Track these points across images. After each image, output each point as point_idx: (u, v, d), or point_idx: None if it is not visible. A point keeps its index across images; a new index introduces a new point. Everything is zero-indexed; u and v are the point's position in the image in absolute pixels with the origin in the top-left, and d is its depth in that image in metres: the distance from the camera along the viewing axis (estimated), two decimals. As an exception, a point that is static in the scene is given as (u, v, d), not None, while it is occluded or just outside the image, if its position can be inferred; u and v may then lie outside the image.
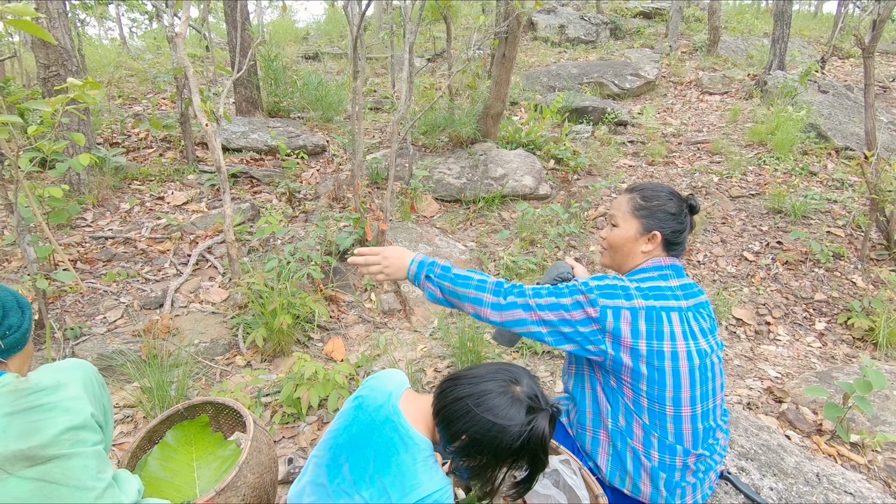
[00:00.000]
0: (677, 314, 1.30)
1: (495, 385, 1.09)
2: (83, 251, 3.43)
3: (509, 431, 1.03)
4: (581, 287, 1.29)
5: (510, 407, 1.05)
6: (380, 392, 1.21)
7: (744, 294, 3.48)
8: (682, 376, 1.27)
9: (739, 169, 5.17)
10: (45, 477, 1.07)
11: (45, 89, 3.83)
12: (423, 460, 1.09)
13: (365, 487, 1.09)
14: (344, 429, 1.19)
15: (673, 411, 1.28)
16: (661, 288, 1.33)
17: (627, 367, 1.26)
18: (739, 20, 12.83)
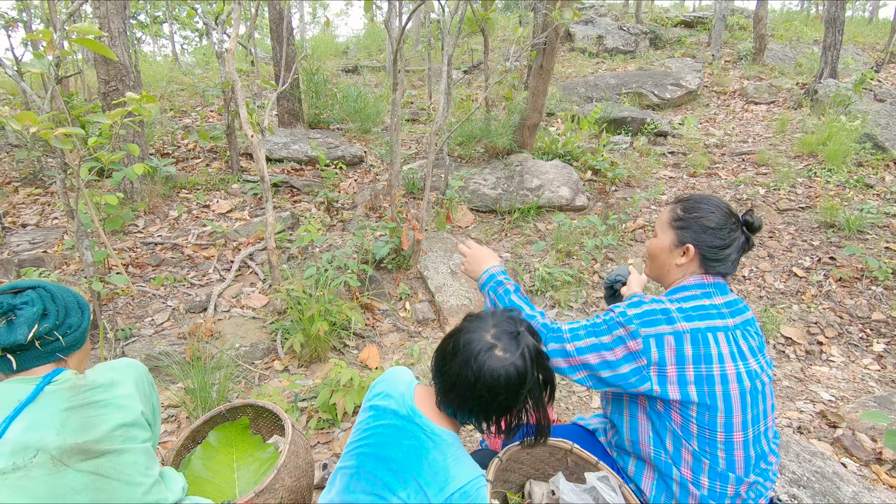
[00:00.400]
0: (724, 334, 1.23)
1: (477, 346, 1.08)
2: (134, 256, 3.60)
3: (511, 372, 1.05)
4: (619, 319, 1.24)
5: (497, 358, 1.06)
6: (393, 397, 1.20)
7: (793, 312, 3.31)
8: (734, 400, 1.20)
9: (788, 181, 4.97)
10: (99, 470, 1.12)
11: (105, 103, 4.07)
12: (453, 454, 1.10)
13: (401, 488, 1.09)
14: (366, 438, 1.18)
15: (724, 437, 1.21)
16: (705, 307, 1.26)
17: (675, 397, 1.20)
18: (787, 27, 12.39)
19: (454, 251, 3.83)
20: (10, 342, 1.11)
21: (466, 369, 1.06)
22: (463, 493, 1.05)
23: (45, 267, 3.27)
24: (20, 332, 1.12)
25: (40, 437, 1.08)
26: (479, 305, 3.44)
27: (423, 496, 1.07)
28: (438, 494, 1.05)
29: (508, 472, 1.32)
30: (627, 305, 1.27)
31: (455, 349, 1.09)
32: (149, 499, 1.18)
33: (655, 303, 1.26)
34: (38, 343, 1.16)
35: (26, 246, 3.50)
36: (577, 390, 2.68)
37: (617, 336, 1.23)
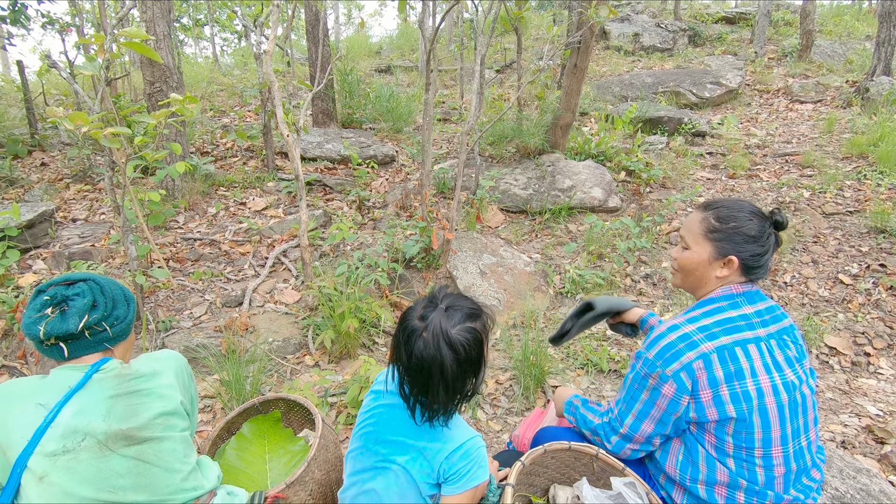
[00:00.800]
0: (755, 346, 1.18)
1: (413, 336, 1.12)
2: (175, 251, 3.74)
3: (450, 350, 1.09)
4: (644, 370, 1.22)
5: (427, 340, 1.09)
6: (391, 380, 1.28)
7: (838, 321, 3.17)
8: (771, 414, 1.15)
9: (835, 183, 4.74)
10: (140, 456, 1.17)
11: (150, 103, 4.24)
12: (452, 419, 1.19)
13: (401, 454, 1.17)
14: (368, 419, 1.28)
15: (762, 453, 1.16)
16: (731, 319, 1.21)
17: (713, 418, 1.17)
18: (837, 23, 11.83)
19: (484, 251, 3.83)
20: (63, 331, 1.17)
21: (414, 364, 1.10)
22: (463, 452, 1.14)
23: (93, 260, 3.43)
24: (72, 321, 1.19)
25: (88, 423, 1.14)
26: (507, 306, 3.42)
27: (423, 462, 1.15)
28: (438, 455, 1.14)
29: (533, 475, 1.31)
30: (646, 347, 1.24)
31: (405, 350, 1.12)
32: (186, 485, 1.23)
33: (671, 332, 1.22)
34: (87, 333, 1.22)
35: (76, 240, 3.69)
36: (606, 395, 2.64)
37: (651, 388, 1.22)
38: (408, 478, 1.17)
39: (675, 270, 1.40)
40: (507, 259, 3.82)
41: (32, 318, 1.18)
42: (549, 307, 3.46)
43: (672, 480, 1.28)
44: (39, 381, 1.19)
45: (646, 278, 3.79)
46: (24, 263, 3.39)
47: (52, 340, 1.19)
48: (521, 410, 2.50)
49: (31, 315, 1.19)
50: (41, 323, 1.17)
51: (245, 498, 1.35)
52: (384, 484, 1.18)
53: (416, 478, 1.17)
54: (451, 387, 1.12)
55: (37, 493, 1.08)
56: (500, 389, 2.67)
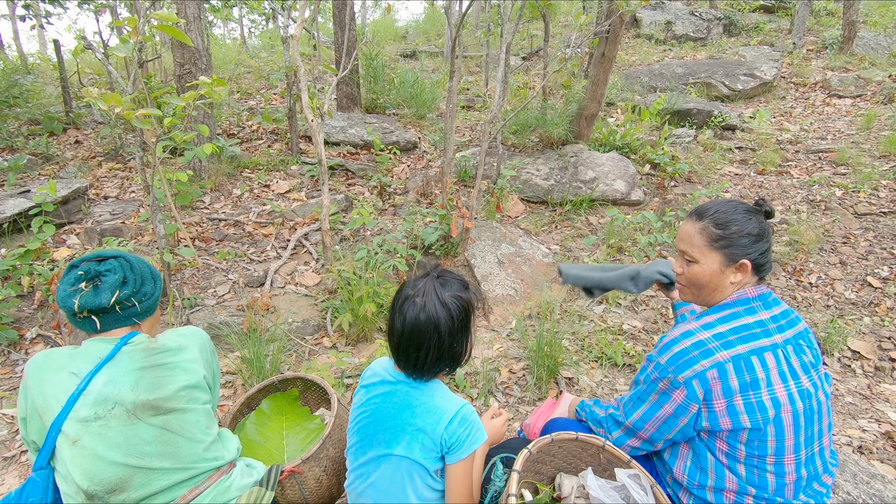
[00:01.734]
0: (771, 353, 1.17)
1: (407, 302, 1.22)
2: (200, 230, 3.84)
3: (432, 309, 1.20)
4: (655, 374, 1.22)
5: (420, 304, 1.20)
6: (378, 373, 1.35)
7: (864, 324, 3.09)
8: (786, 423, 1.14)
9: (870, 183, 4.59)
10: (166, 426, 1.23)
11: (180, 85, 4.32)
12: (439, 393, 1.26)
13: (398, 443, 1.22)
14: (363, 412, 1.32)
15: (774, 460, 1.16)
16: (748, 326, 1.19)
17: (726, 427, 1.16)
18: (883, 13, 11.28)
19: (502, 241, 3.83)
20: (96, 305, 1.24)
21: (407, 328, 1.20)
22: (460, 419, 1.22)
23: (123, 237, 3.55)
24: (104, 296, 1.25)
25: (118, 392, 1.20)
26: (524, 296, 3.43)
27: (424, 438, 1.20)
28: (437, 427, 1.20)
29: (539, 463, 1.33)
30: (659, 351, 1.23)
31: (399, 317, 1.22)
32: (208, 455, 1.29)
33: (686, 338, 1.20)
34: (118, 307, 1.28)
35: (107, 217, 3.81)
36: (619, 389, 2.64)
37: (661, 392, 1.22)
38: (409, 463, 1.21)
39: (682, 287, 1.36)
40: (526, 249, 3.81)
41: (67, 291, 1.25)
42: (566, 299, 3.46)
43: (679, 483, 1.29)
44: (73, 352, 1.26)
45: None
46: (58, 238, 3.53)
47: (84, 313, 1.25)
48: (533, 400, 2.53)
49: (66, 289, 1.25)
50: (75, 296, 1.23)
51: (263, 470, 1.41)
52: (388, 474, 1.22)
53: (418, 459, 1.21)
54: (445, 346, 1.22)
55: (70, 455, 1.15)
56: (514, 378, 2.69)
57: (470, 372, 2.70)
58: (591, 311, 3.33)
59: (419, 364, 1.23)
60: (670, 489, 1.32)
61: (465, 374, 2.67)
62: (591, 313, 3.31)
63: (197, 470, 1.26)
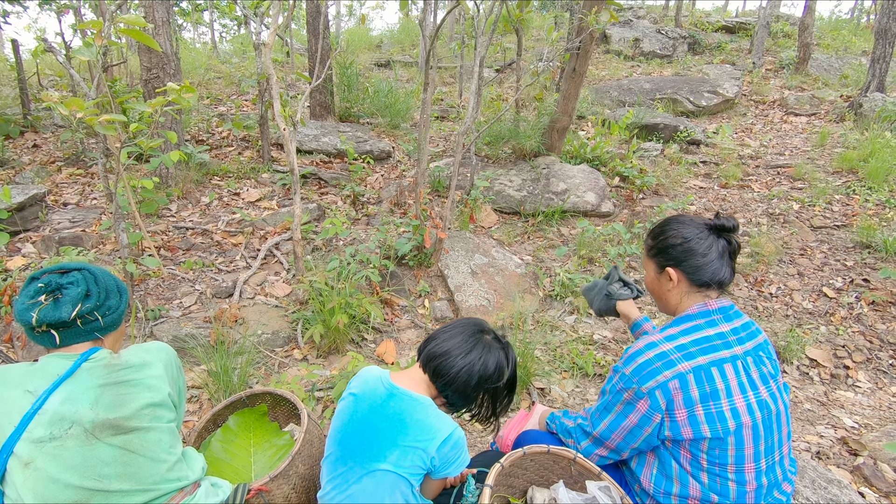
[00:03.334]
0: (731, 365, 1.21)
1: (468, 335, 1.36)
2: (166, 239, 3.73)
3: (491, 367, 1.32)
4: (620, 384, 1.26)
5: (485, 351, 1.34)
6: (370, 381, 1.34)
7: (820, 333, 3.23)
8: (745, 433, 1.19)
9: (824, 197, 4.82)
10: (127, 445, 1.18)
11: (146, 90, 4.21)
12: (434, 412, 1.27)
13: (385, 457, 1.21)
14: (348, 421, 1.31)
15: (735, 469, 1.20)
16: (709, 338, 1.24)
17: (688, 437, 1.20)
18: (835, 37, 11.95)
19: (476, 251, 3.85)
20: (56, 318, 1.18)
21: (461, 372, 1.29)
22: (453, 443, 1.24)
23: (83, 246, 3.41)
24: (65, 309, 1.20)
25: (76, 410, 1.15)
26: (496, 307, 3.45)
27: (415, 456, 1.21)
28: (430, 446, 1.21)
29: (512, 477, 1.34)
30: (624, 362, 1.28)
31: (456, 330, 1.36)
32: (171, 475, 1.24)
33: (649, 349, 1.24)
34: (79, 321, 1.23)
35: (66, 224, 3.66)
36: (590, 399, 2.67)
37: (625, 402, 1.25)
38: (395, 478, 1.20)
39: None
40: (499, 260, 3.84)
41: (26, 304, 1.19)
42: (538, 309, 3.49)
43: (647, 492, 1.31)
44: (28, 368, 1.20)
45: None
46: (12, 246, 3.37)
47: (43, 327, 1.20)
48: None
49: (25, 301, 1.19)
50: (34, 309, 1.18)
51: (229, 490, 1.37)
52: (370, 487, 1.20)
53: (405, 474, 1.20)
54: (489, 392, 1.39)
55: (22, 478, 1.09)
56: (486, 389, 2.70)
57: (443, 383, 2.69)
58: (562, 322, 3.38)
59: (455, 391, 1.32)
60: (638, 498, 1.34)
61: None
62: (563, 323, 3.35)
63: (159, 491, 1.21)
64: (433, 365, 1.32)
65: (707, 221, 1.33)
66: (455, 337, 1.35)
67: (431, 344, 1.37)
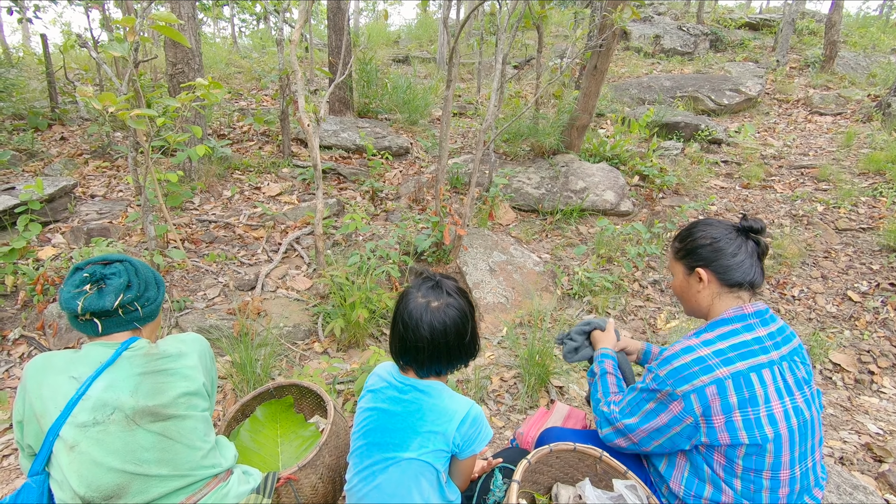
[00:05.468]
0: (768, 370, 1.20)
1: (416, 305, 1.27)
2: (190, 232, 3.80)
3: (452, 312, 1.26)
4: (654, 385, 1.25)
5: (435, 308, 1.26)
6: (384, 378, 1.37)
7: (844, 337, 3.18)
8: (783, 439, 1.18)
9: (850, 199, 4.72)
10: (165, 432, 1.22)
11: (171, 84, 4.28)
12: (447, 395, 1.29)
13: (408, 446, 1.24)
14: (369, 416, 1.34)
15: (770, 475, 1.19)
16: (746, 343, 1.22)
17: (725, 442, 1.19)
18: (862, 34, 11.65)
19: (494, 249, 3.86)
20: (99, 307, 1.23)
21: (420, 333, 1.24)
22: (471, 420, 1.25)
23: (111, 237, 3.49)
24: (108, 299, 1.24)
25: (117, 397, 1.19)
26: (514, 304, 3.46)
27: (436, 440, 1.23)
28: (449, 428, 1.24)
29: (537, 473, 1.35)
30: (659, 364, 1.27)
31: (404, 325, 1.26)
32: (206, 462, 1.28)
33: (686, 353, 1.23)
34: (121, 311, 1.27)
35: (94, 216, 3.75)
36: (609, 398, 2.67)
37: (658, 402, 1.25)
38: (419, 465, 1.22)
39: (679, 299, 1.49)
40: (517, 258, 3.85)
41: (71, 293, 1.23)
42: (556, 308, 3.49)
43: (675, 495, 1.31)
44: (73, 355, 1.25)
45: (654, 284, 3.81)
46: (42, 237, 3.46)
47: (87, 316, 1.24)
48: (524, 408, 2.55)
49: (70, 290, 1.24)
50: (79, 298, 1.22)
51: (259, 478, 1.40)
52: (396, 477, 1.22)
53: (429, 460, 1.23)
54: (468, 341, 1.31)
55: (67, 460, 1.14)
56: (504, 386, 2.71)
57: (462, 379, 2.71)
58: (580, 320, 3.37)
59: (442, 364, 1.28)
60: (665, 500, 1.34)
61: (457, 382, 2.68)
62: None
63: (195, 477, 1.25)
64: (406, 362, 1.31)
65: (734, 223, 1.34)
66: (396, 328, 1.31)
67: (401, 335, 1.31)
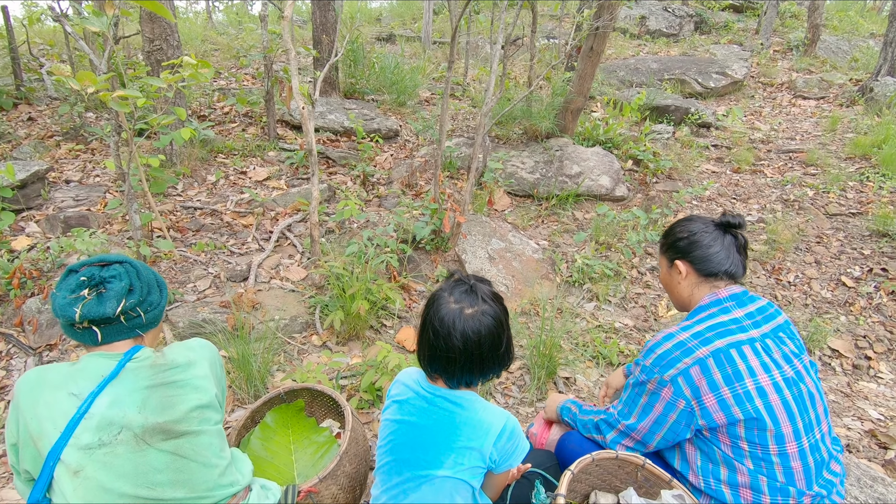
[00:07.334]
0: (749, 346, 1.24)
1: (448, 311, 1.16)
2: (174, 219, 3.62)
3: (487, 320, 1.15)
4: (642, 376, 1.30)
5: (469, 315, 1.14)
6: (411, 387, 1.28)
7: (840, 323, 3.22)
8: (777, 411, 1.19)
9: (838, 184, 4.78)
10: (178, 451, 1.12)
11: (148, 61, 4.02)
12: (481, 406, 1.20)
13: (444, 460, 1.16)
14: (396, 430, 1.25)
15: (778, 449, 1.20)
16: (723, 323, 1.28)
17: (721, 422, 1.21)
18: (842, 18, 11.77)
19: (492, 236, 3.78)
20: (100, 315, 1.11)
21: (452, 341, 1.13)
22: (508, 434, 1.18)
23: (90, 226, 3.29)
24: (109, 305, 1.12)
25: (124, 415, 1.08)
26: (515, 293, 3.40)
27: (472, 456, 1.15)
28: (486, 442, 1.16)
29: (575, 482, 1.30)
30: (644, 355, 1.33)
31: (434, 332, 1.15)
32: (223, 480, 1.19)
33: (667, 340, 1.29)
34: (122, 318, 1.16)
35: (70, 203, 3.53)
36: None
37: (650, 392, 1.29)
38: (454, 483, 1.15)
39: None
40: (516, 245, 3.78)
41: (67, 299, 1.11)
42: (557, 296, 3.45)
43: (698, 489, 1.30)
44: (70, 369, 1.13)
45: (651, 270, 3.79)
46: (16, 226, 3.24)
47: (85, 323, 1.12)
48: (532, 401, 2.51)
49: (66, 296, 1.11)
50: (77, 304, 1.10)
51: (279, 492, 1.32)
52: (431, 495, 1.15)
53: (465, 477, 1.15)
54: (503, 349, 1.20)
55: (72, 487, 1.03)
56: (511, 379, 2.66)
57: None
58: (582, 309, 3.34)
59: (474, 374, 1.18)
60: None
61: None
62: (583, 311, 3.32)
63: (213, 498, 1.16)
64: (436, 370, 1.21)
65: (714, 219, 1.43)
66: (425, 335, 1.20)
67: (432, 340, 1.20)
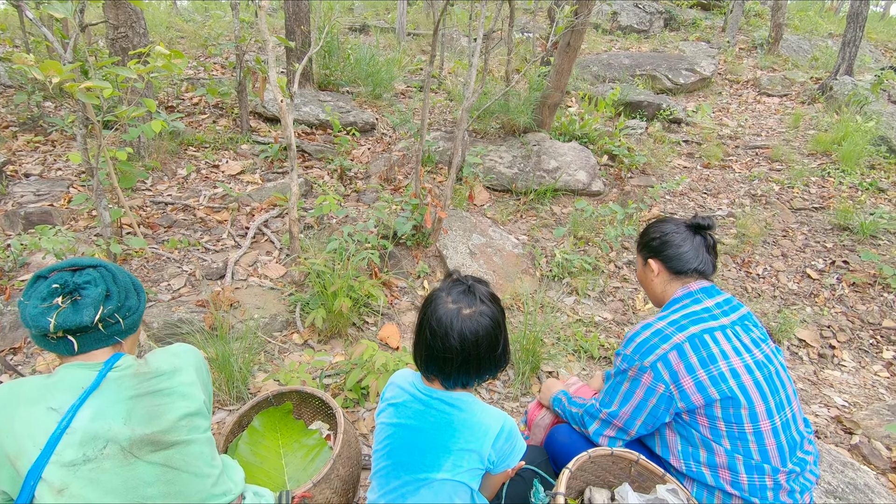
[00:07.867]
0: (721, 332, 1.32)
1: (446, 311, 1.15)
2: (144, 215, 3.48)
3: (484, 320, 1.14)
4: (623, 365, 1.37)
5: (467, 316, 1.14)
6: (406, 389, 1.26)
7: (806, 314, 3.36)
8: (751, 390, 1.27)
9: (802, 179, 4.97)
10: (168, 462, 1.08)
11: (113, 50, 3.84)
12: (478, 408, 1.20)
13: (442, 462, 1.15)
14: (393, 434, 1.24)
15: (752, 427, 1.27)
16: (696, 312, 1.37)
17: (699, 403, 1.27)
18: (802, 18, 12.21)
19: (473, 231, 3.78)
20: (76, 324, 1.05)
21: (450, 342, 1.12)
22: (506, 435, 1.18)
23: (54, 223, 3.13)
24: (87, 313, 1.06)
25: (108, 427, 1.03)
26: (497, 288, 3.42)
27: (470, 457, 1.15)
28: (484, 444, 1.16)
29: (571, 479, 1.31)
30: (623, 345, 1.41)
31: (432, 332, 1.15)
32: (216, 490, 1.16)
33: (645, 329, 1.37)
34: (100, 325, 1.10)
35: (31, 198, 3.35)
36: (597, 381, 2.70)
37: (631, 379, 1.35)
38: (453, 486, 1.15)
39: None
40: (496, 240, 3.79)
41: (39, 308, 1.04)
42: (537, 290, 3.48)
43: (681, 473, 1.34)
44: (46, 381, 1.07)
45: (628, 264, 3.87)
46: (-29, 222, 3.06)
47: (60, 333, 1.06)
48: (517, 395, 2.53)
49: (38, 304, 1.05)
50: (51, 314, 1.04)
51: (272, 499, 1.29)
52: (430, 498, 1.15)
53: (464, 479, 1.15)
54: (500, 349, 1.20)
55: (56, 506, 0.98)
56: (495, 374, 2.68)
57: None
58: (562, 303, 3.38)
59: (471, 375, 1.17)
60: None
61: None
62: (563, 305, 3.36)
63: (206, 509, 1.12)
64: (432, 372, 1.20)
65: (686, 221, 1.51)
66: (422, 335, 1.19)
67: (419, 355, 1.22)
